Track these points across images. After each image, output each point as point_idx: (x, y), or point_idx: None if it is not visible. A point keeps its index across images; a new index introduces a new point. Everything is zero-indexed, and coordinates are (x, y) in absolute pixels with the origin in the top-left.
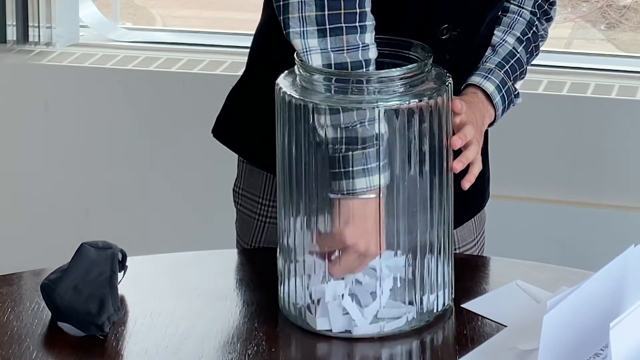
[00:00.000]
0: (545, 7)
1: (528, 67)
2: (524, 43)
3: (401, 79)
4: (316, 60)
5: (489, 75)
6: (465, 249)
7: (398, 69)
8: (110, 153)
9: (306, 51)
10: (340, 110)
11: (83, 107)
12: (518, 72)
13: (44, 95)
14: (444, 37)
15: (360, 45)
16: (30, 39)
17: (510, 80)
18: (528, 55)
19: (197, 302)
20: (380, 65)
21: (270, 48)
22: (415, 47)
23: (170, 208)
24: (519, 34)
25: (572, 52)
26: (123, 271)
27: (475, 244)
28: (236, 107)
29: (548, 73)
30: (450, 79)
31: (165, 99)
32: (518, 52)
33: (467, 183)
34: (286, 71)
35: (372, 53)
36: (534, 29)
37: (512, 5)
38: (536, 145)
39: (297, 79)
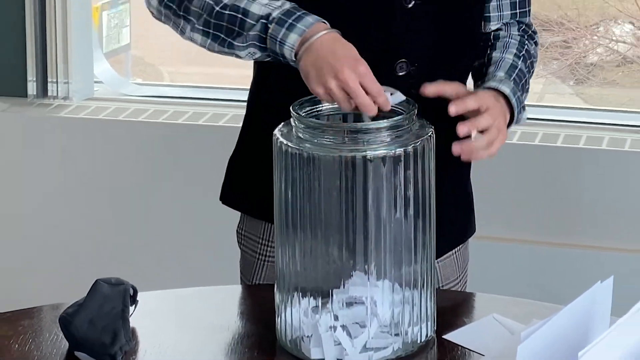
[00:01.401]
0: (530, 32)
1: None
2: (522, 58)
3: (388, 129)
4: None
5: (502, 82)
6: (449, 286)
7: (386, 120)
8: (122, 198)
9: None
10: None
11: (97, 154)
12: (522, 83)
13: (62, 145)
14: (401, 74)
15: None
16: (49, 93)
17: (519, 90)
18: (526, 70)
19: (202, 333)
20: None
21: (263, 104)
22: (406, 101)
23: (180, 248)
24: (515, 51)
25: (543, 106)
26: (134, 305)
27: (458, 282)
28: (235, 174)
29: (522, 125)
30: (432, 128)
31: (172, 147)
32: (519, 65)
33: (457, 147)
34: (282, 123)
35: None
36: (527, 46)
37: (500, 32)
38: (512, 190)
39: (293, 130)
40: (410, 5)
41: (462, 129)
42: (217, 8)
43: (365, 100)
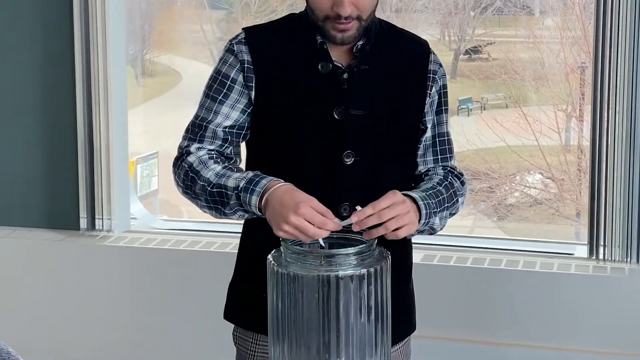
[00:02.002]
0: (456, 172)
1: (456, 213)
2: (442, 185)
3: (355, 255)
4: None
5: (414, 192)
6: None
7: (353, 248)
8: (149, 307)
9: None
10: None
11: (133, 274)
12: (438, 200)
13: (106, 266)
14: (347, 163)
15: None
16: (97, 227)
17: (432, 201)
18: (447, 195)
19: None
20: (341, 245)
21: (251, 239)
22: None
23: (193, 347)
24: (437, 180)
25: (473, 237)
26: None
27: None
28: (233, 296)
29: (456, 251)
30: (389, 254)
31: (190, 269)
32: (437, 187)
33: (357, 227)
34: (274, 250)
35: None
36: (450, 179)
37: (429, 172)
38: (448, 298)
39: (282, 255)
40: (349, 162)
41: (354, 219)
42: (209, 188)
43: (314, 232)
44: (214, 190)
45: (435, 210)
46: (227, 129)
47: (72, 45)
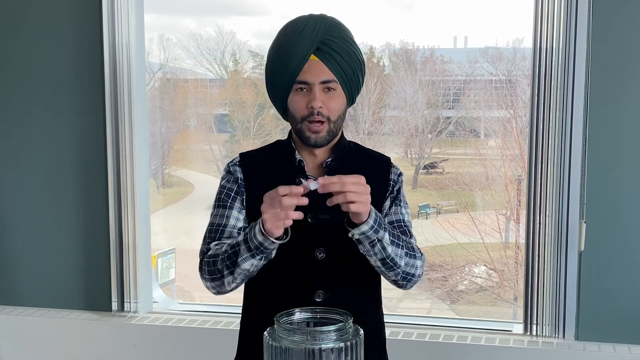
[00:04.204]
0: (414, 245)
1: (411, 265)
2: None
3: (334, 332)
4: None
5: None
6: None
7: (333, 326)
8: None
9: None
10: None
11: (156, 347)
12: (393, 231)
13: (133, 341)
14: (319, 258)
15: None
16: (125, 309)
17: (383, 222)
18: (404, 239)
19: None
20: (321, 322)
21: (249, 321)
22: (342, 313)
23: None
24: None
25: (431, 317)
26: None
27: None
28: None
29: (416, 328)
30: (362, 330)
31: (201, 342)
32: (394, 231)
33: (321, 189)
34: (269, 327)
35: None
36: (406, 239)
37: None
38: None
39: (276, 331)
40: (320, 257)
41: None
42: (226, 255)
43: (292, 201)
44: (230, 251)
45: (386, 227)
46: (240, 231)
47: (106, 162)
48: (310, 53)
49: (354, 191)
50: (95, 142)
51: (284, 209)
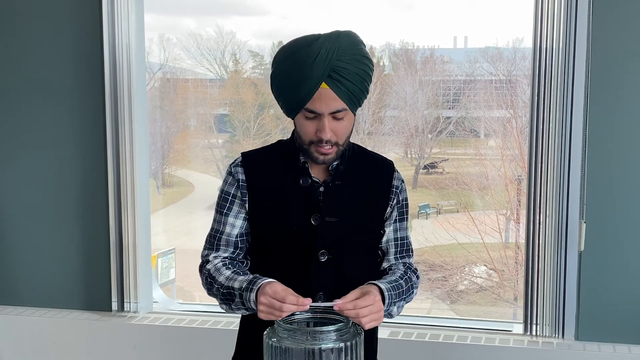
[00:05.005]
0: (413, 268)
1: (411, 301)
2: (403, 279)
3: (334, 332)
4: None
5: (381, 283)
6: None
7: (333, 326)
8: None
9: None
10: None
11: (155, 347)
12: (398, 292)
13: (133, 341)
14: (322, 260)
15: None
16: (125, 309)
17: (394, 292)
18: (406, 287)
19: None
20: (321, 322)
21: (250, 321)
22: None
23: None
24: (399, 274)
25: (431, 317)
26: None
27: None
28: None
29: (416, 328)
30: (362, 331)
31: (201, 342)
32: (399, 281)
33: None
34: (269, 327)
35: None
36: (409, 274)
37: (392, 266)
38: None
39: (276, 331)
40: (323, 260)
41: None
42: (222, 290)
43: (290, 308)
44: (225, 291)
45: (395, 300)
46: (237, 237)
47: (106, 162)
48: (321, 82)
49: (368, 315)
50: (95, 142)
51: (281, 312)
